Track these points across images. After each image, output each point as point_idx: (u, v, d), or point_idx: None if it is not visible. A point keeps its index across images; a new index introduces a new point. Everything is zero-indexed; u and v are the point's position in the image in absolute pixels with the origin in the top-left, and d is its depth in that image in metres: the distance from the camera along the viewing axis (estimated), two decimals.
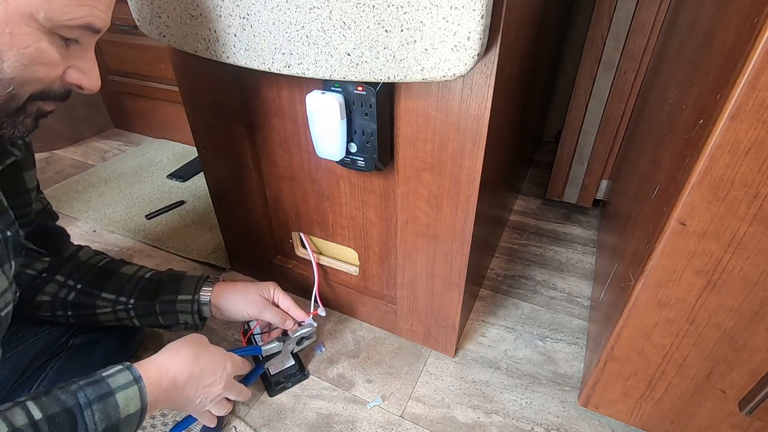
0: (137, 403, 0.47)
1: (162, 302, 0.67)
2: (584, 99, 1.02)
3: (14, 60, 0.37)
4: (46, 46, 0.39)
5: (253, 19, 0.51)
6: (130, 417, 0.46)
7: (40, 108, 0.43)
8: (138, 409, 0.47)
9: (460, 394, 0.74)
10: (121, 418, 0.45)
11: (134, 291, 0.67)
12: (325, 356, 0.80)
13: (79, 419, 0.43)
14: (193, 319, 0.68)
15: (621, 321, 0.55)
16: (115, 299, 0.66)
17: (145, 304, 0.67)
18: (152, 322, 0.68)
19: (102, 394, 0.45)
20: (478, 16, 0.41)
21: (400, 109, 0.57)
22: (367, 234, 0.75)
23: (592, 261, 1.03)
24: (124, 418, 0.46)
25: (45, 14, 0.37)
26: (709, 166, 0.41)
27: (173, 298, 0.67)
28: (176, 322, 0.68)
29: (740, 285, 0.45)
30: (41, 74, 0.40)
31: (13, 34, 0.36)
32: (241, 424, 0.69)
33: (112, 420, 0.45)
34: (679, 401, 0.58)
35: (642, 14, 0.89)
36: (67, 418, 0.42)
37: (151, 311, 0.67)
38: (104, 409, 0.45)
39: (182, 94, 0.74)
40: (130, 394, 0.47)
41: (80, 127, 1.60)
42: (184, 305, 0.67)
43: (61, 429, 0.42)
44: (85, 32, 0.41)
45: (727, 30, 0.44)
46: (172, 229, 1.13)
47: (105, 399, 0.45)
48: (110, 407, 0.45)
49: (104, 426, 0.44)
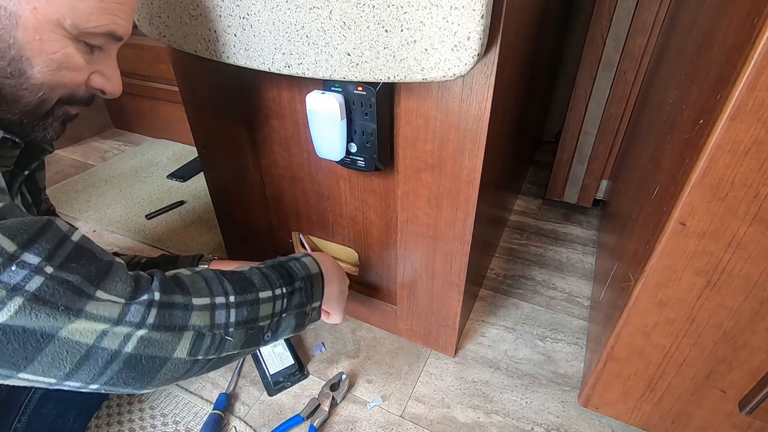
0: (316, 266, 0.60)
1: None
2: (584, 99, 1.02)
3: (44, 65, 0.40)
4: (72, 51, 0.41)
5: (253, 19, 0.51)
6: (317, 275, 0.59)
7: (67, 112, 0.47)
8: (318, 272, 0.59)
9: (460, 394, 0.74)
10: (311, 273, 0.58)
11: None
12: (325, 356, 0.80)
13: (288, 267, 0.56)
14: None
15: (621, 321, 0.55)
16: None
17: None
18: None
19: (292, 257, 0.59)
20: (478, 16, 0.41)
21: (400, 109, 0.57)
22: (367, 234, 0.75)
23: (592, 261, 1.03)
24: (313, 275, 0.58)
25: (71, 22, 0.39)
26: (709, 166, 0.41)
27: None
28: None
29: (740, 285, 0.45)
30: (68, 79, 0.42)
31: (42, 40, 0.39)
32: (241, 424, 0.69)
33: (307, 271, 0.57)
34: (679, 401, 0.58)
35: (642, 14, 0.89)
36: (280, 265, 0.56)
37: None
38: (299, 264, 0.57)
39: (182, 94, 0.74)
40: (309, 260, 0.60)
41: (80, 127, 1.60)
42: None
43: (279, 272, 0.54)
44: (108, 39, 0.44)
45: (727, 30, 0.44)
46: (172, 229, 1.13)
47: (296, 259, 0.58)
48: (300, 264, 0.58)
49: (304, 273, 0.56)
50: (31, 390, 0.63)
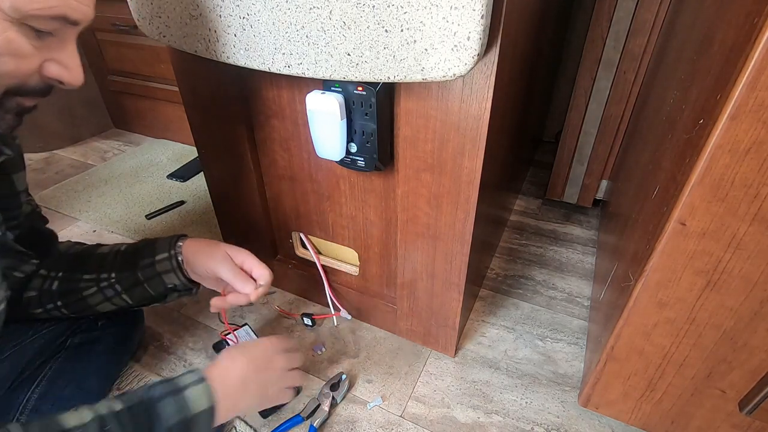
0: (207, 400, 0.49)
1: (142, 268, 0.64)
2: (584, 99, 1.02)
3: None
4: (14, 36, 0.37)
5: (253, 19, 0.51)
6: (203, 414, 0.49)
7: (20, 103, 0.42)
8: (208, 407, 0.49)
9: (460, 394, 0.74)
10: (193, 413, 0.48)
11: (113, 265, 0.65)
12: (325, 356, 0.80)
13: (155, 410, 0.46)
14: (178, 278, 0.65)
15: (621, 321, 0.55)
16: (97, 277, 0.64)
17: (126, 275, 0.64)
18: (142, 294, 0.66)
19: (174, 389, 0.48)
20: (478, 16, 0.41)
21: (400, 109, 0.57)
22: (367, 234, 0.75)
23: (592, 261, 1.03)
24: (196, 414, 0.48)
25: (11, 3, 0.35)
26: (709, 166, 0.40)
27: (152, 261, 0.64)
28: (165, 288, 0.66)
29: (740, 285, 0.45)
30: (12, 67, 0.38)
31: None
32: (241, 424, 0.69)
33: (187, 414, 0.47)
34: (679, 401, 0.58)
35: (642, 14, 0.89)
36: (144, 408, 0.46)
37: (136, 280, 0.64)
38: (177, 402, 0.47)
39: (182, 94, 0.74)
40: (200, 390, 0.49)
41: (80, 127, 1.60)
42: (164, 264, 0.64)
43: (139, 418, 0.44)
44: (62, 24, 0.39)
45: (727, 30, 0.44)
46: (172, 229, 1.13)
47: (177, 394, 0.48)
48: (182, 401, 0.48)
49: (179, 419, 0.47)
50: (29, 390, 0.63)
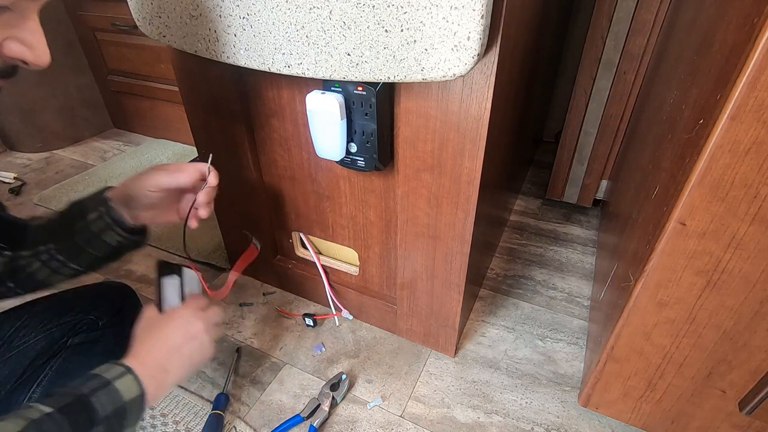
0: (136, 388, 0.49)
1: (78, 232, 0.60)
2: (584, 99, 1.02)
3: None
4: None
5: (253, 19, 0.51)
6: (135, 400, 0.49)
7: None
8: (139, 394, 0.49)
9: (460, 394, 0.74)
10: (125, 401, 0.48)
11: (49, 236, 0.61)
12: (325, 356, 0.80)
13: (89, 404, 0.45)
14: (117, 233, 0.60)
15: (621, 321, 0.55)
16: (35, 251, 0.61)
17: (65, 244, 0.61)
18: (89, 258, 0.62)
19: (101, 384, 0.47)
20: (478, 16, 0.41)
21: (400, 109, 0.57)
22: (367, 234, 0.75)
23: (592, 261, 1.03)
24: (129, 401, 0.48)
25: None
26: (709, 166, 0.40)
27: (85, 223, 0.60)
28: (111, 248, 0.62)
29: (740, 285, 0.45)
30: None
31: None
32: (241, 424, 0.69)
33: (118, 403, 0.47)
34: (679, 401, 0.58)
35: (642, 14, 0.89)
36: (79, 404, 0.45)
37: (77, 248, 0.61)
38: (108, 394, 0.47)
39: (182, 94, 0.74)
40: (127, 381, 0.49)
41: (80, 127, 1.60)
42: (98, 224, 0.60)
43: (76, 416, 0.43)
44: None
45: (727, 30, 0.44)
46: (172, 229, 1.13)
47: (106, 387, 0.47)
48: (113, 393, 0.47)
49: (113, 408, 0.46)
50: (29, 390, 0.63)
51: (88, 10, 1.44)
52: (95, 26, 1.45)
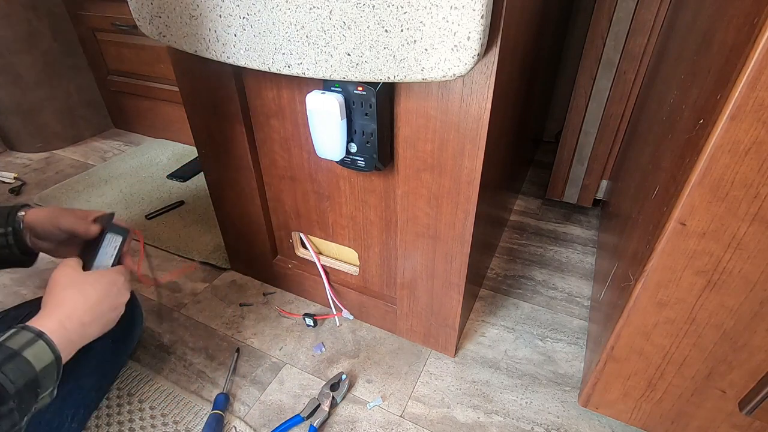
0: (49, 354, 0.47)
1: None
2: (584, 99, 1.02)
3: None
4: None
5: (253, 19, 0.51)
6: (48, 368, 0.46)
7: None
8: (52, 359, 0.47)
9: (460, 394, 0.74)
10: (38, 371, 0.45)
11: None
12: (325, 356, 0.80)
13: None
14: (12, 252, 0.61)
15: (621, 321, 0.55)
16: None
17: None
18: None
19: (8, 356, 0.44)
20: (478, 16, 0.41)
21: (400, 109, 0.57)
22: (367, 234, 0.75)
23: (592, 261, 1.03)
24: (41, 370, 0.45)
25: None
26: (709, 166, 0.41)
27: None
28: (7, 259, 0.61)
29: (740, 285, 0.45)
30: None
31: None
32: (241, 424, 0.69)
33: (30, 375, 0.44)
34: (679, 401, 0.58)
35: (642, 14, 0.89)
36: None
37: None
38: (16, 368, 0.44)
39: (182, 94, 0.74)
40: (38, 348, 0.46)
41: (80, 127, 1.60)
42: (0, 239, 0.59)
43: None
44: None
45: (727, 30, 0.44)
46: (172, 229, 1.13)
47: (14, 359, 0.44)
48: (22, 365, 0.44)
49: (24, 381, 0.44)
50: None
51: (88, 10, 1.44)
52: (95, 26, 1.45)
